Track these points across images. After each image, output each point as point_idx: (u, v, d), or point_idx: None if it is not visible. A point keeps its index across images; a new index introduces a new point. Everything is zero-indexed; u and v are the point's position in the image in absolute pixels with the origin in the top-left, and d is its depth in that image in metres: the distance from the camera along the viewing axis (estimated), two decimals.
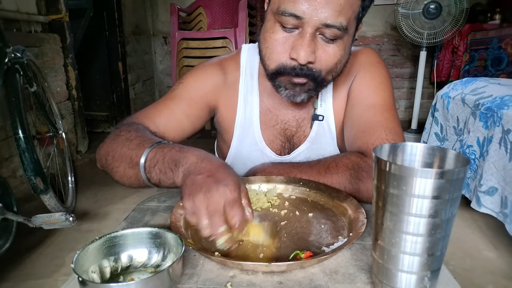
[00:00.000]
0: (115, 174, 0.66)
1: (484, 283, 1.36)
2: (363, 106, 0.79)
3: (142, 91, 3.88)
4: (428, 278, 0.41)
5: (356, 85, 0.82)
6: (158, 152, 0.58)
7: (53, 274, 1.44)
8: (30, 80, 1.72)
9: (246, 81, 0.86)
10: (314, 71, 0.68)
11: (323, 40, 0.67)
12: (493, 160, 1.56)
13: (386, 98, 0.79)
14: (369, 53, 0.85)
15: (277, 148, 0.87)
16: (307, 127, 0.86)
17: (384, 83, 0.81)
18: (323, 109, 0.84)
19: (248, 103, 0.86)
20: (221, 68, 0.86)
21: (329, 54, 0.67)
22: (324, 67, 0.68)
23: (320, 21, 0.63)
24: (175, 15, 2.78)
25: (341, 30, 0.65)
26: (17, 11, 2.17)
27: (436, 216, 0.38)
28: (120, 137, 0.67)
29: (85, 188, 2.26)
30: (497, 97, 1.66)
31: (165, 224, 0.62)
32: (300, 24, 0.65)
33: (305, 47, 0.65)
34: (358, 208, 0.60)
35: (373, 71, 0.82)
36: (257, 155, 0.86)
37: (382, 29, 3.77)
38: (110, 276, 0.46)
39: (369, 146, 0.72)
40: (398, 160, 0.46)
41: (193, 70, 0.87)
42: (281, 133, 0.86)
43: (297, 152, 0.86)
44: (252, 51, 0.87)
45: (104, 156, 0.69)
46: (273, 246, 0.53)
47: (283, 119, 0.86)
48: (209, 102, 0.85)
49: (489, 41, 3.02)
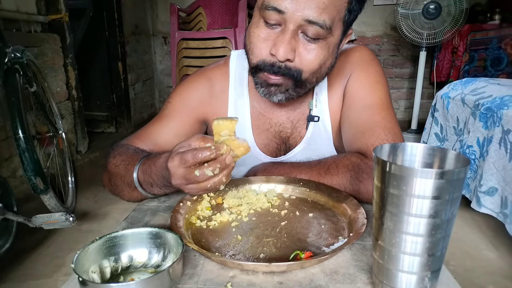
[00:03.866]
0: (124, 197, 0.76)
1: (485, 283, 1.36)
2: (360, 107, 0.78)
3: (142, 91, 3.88)
4: (428, 279, 0.41)
5: (352, 85, 0.81)
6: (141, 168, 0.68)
7: (53, 274, 1.44)
8: (30, 80, 1.72)
9: (236, 87, 0.86)
10: (292, 70, 0.67)
11: (305, 39, 0.66)
12: (493, 160, 1.56)
13: (383, 97, 0.79)
14: (362, 51, 0.84)
15: (272, 151, 0.87)
16: (302, 128, 0.85)
17: (379, 82, 0.81)
18: (318, 110, 0.83)
19: (239, 109, 0.85)
20: (208, 79, 0.86)
21: (310, 54, 0.66)
22: (304, 67, 0.67)
23: (302, 17, 0.63)
24: (175, 15, 2.78)
25: (324, 29, 0.64)
26: (16, 11, 2.17)
27: (436, 216, 0.38)
28: (111, 164, 0.75)
29: (85, 188, 2.26)
30: (497, 97, 1.66)
31: (165, 224, 0.62)
32: (283, 21, 0.64)
33: (285, 43, 0.64)
34: (358, 208, 0.60)
35: (368, 69, 0.81)
36: (251, 160, 0.85)
37: (382, 29, 3.78)
38: (110, 276, 0.46)
39: (369, 147, 0.72)
40: (398, 160, 0.46)
41: (179, 86, 0.88)
42: (276, 135, 0.86)
43: (293, 153, 0.85)
44: (241, 57, 0.86)
45: (108, 183, 0.78)
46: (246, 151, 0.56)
47: (277, 122, 0.85)
48: (198, 117, 0.85)
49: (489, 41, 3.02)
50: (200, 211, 0.65)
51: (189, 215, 0.62)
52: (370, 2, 3.68)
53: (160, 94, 4.26)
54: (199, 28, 3.10)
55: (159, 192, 0.69)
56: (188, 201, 0.65)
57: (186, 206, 0.64)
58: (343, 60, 0.83)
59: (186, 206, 0.64)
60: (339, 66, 0.83)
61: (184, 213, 0.62)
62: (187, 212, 0.63)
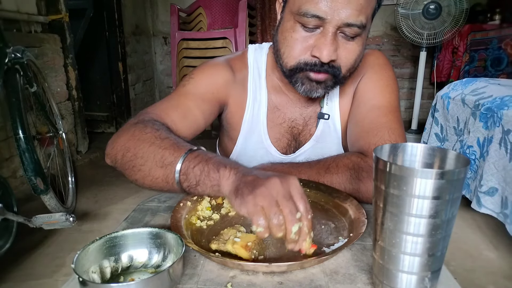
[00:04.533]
0: (136, 172, 0.62)
1: (485, 284, 1.36)
2: (368, 107, 0.79)
3: (142, 91, 3.88)
4: (428, 279, 0.41)
5: (363, 86, 0.82)
6: (201, 155, 0.56)
7: (53, 275, 1.44)
8: (30, 81, 1.72)
9: (255, 79, 0.86)
10: (335, 68, 0.70)
11: (343, 38, 0.68)
12: (493, 161, 1.56)
13: (391, 100, 0.80)
14: (377, 54, 0.86)
15: (283, 146, 0.87)
16: (313, 125, 0.86)
17: (390, 86, 0.82)
18: (329, 108, 0.85)
19: (257, 101, 0.86)
20: (230, 66, 0.86)
21: (349, 52, 0.69)
22: (344, 64, 0.70)
23: (341, 21, 0.65)
24: (175, 15, 2.78)
25: (361, 28, 0.67)
26: (17, 11, 2.17)
27: (436, 216, 0.38)
28: (146, 134, 0.63)
29: (86, 189, 2.26)
30: (497, 98, 1.66)
31: (165, 225, 0.62)
32: (322, 24, 0.66)
33: (328, 46, 0.66)
34: (358, 208, 0.60)
35: (380, 72, 0.83)
36: (262, 153, 0.86)
37: (382, 30, 3.77)
38: (111, 276, 0.46)
39: (371, 146, 0.72)
40: (399, 161, 0.46)
41: (203, 66, 0.85)
42: (288, 131, 0.87)
43: (302, 151, 0.86)
44: (258, 51, 0.88)
45: (121, 151, 0.63)
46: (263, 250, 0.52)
47: (290, 117, 0.86)
48: (220, 98, 0.84)
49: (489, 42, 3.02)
50: (200, 211, 0.65)
51: (189, 215, 0.62)
52: None
53: (160, 95, 4.26)
54: (199, 28, 3.10)
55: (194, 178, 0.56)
56: (188, 201, 0.65)
57: (186, 206, 0.64)
58: None
59: (186, 206, 0.64)
60: None
61: (184, 213, 0.62)
62: (187, 212, 0.63)
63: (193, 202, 0.66)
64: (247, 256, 0.49)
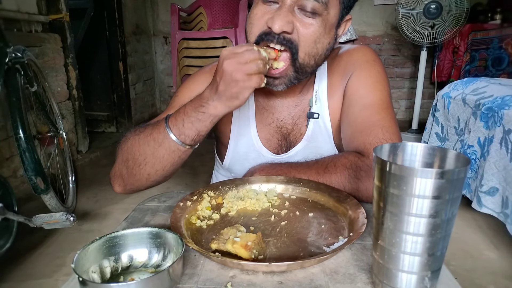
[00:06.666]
0: (144, 168, 0.69)
1: (485, 284, 1.36)
2: (360, 105, 0.78)
3: (142, 91, 3.88)
4: (428, 278, 0.41)
5: (352, 84, 0.81)
6: (176, 112, 0.66)
7: (53, 274, 1.44)
8: (31, 80, 1.72)
9: None
10: (291, 41, 0.69)
11: (302, 15, 0.68)
12: (494, 160, 1.56)
13: (383, 97, 0.79)
14: (365, 51, 0.85)
15: (274, 146, 0.87)
16: (303, 125, 0.85)
17: (380, 82, 0.81)
18: (318, 107, 0.83)
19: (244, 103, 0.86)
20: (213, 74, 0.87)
21: (306, 28, 0.69)
22: (301, 41, 0.69)
23: None
24: (176, 15, 2.78)
25: (321, 3, 0.67)
26: (17, 11, 2.17)
27: (436, 216, 0.38)
28: (130, 140, 0.71)
29: (86, 188, 2.26)
30: (497, 97, 1.66)
31: (165, 224, 0.62)
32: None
33: (281, 16, 0.67)
34: (358, 208, 0.60)
35: (369, 69, 0.81)
36: (254, 155, 0.86)
37: (383, 29, 3.77)
38: (111, 276, 0.46)
39: (367, 145, 0.72)
40: (399, 160, 0.46)
41: (185, 81, 0.88)
42: (278, 131, 0.86)
43: (295, 151, 0.86)
44: None
45: (123, 167, 0.72)
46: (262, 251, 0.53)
47: (278, 117, 0.86)
48: None
49: (490, 41, 3.01)
50: (200, 211, 0.65)
51: (189, 215, 0.62)
52: (371, 2, 3.68)
53: (160, 94, 4.26)
54: (199, 28, 3.10)
55: (190, 131, 0.65)
56: (188, 201, 0.65)
57: (186, 206, 0.64)
58: (346, 60, 0.83)
59: (186, 206, 0.64)
60: (341, 65, 0.83)
61: (184, 213, 0.62)
62: (187, 212, 0.63)
63: (193, 202, 0.66)
64: (247, 256, 0.49)
